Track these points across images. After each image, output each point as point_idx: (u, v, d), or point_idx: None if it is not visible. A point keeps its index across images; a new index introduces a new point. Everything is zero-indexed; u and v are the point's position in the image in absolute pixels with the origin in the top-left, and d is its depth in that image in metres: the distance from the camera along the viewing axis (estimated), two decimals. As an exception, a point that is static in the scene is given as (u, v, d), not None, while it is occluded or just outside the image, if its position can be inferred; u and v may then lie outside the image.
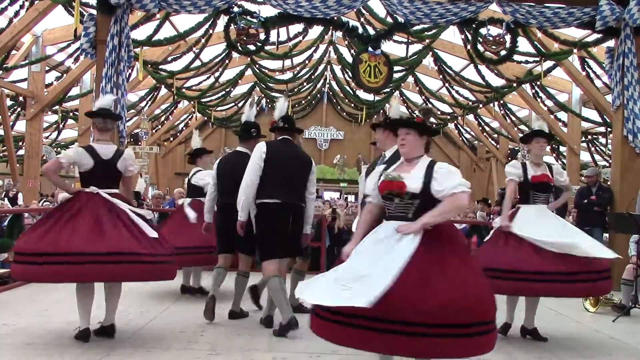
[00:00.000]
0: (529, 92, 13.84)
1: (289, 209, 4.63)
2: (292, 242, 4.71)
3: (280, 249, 4.63)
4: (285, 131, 4.85)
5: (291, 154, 4.77)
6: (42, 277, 4.19)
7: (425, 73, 14.98)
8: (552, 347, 4.60)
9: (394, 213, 3.16)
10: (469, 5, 8.02)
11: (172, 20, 11.29)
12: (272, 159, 4.61)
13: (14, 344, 4.10)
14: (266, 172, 4.58)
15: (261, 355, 4.08)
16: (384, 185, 3.16)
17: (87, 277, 4.01)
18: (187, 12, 7.83)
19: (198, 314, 5.01)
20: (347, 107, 20.07)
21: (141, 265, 4.05)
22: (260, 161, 4.59)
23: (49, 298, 5.72)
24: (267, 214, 4.60)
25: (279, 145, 4.79)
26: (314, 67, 16.45)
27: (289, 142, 4.83)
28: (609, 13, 7.77)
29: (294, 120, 5.18)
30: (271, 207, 4.58)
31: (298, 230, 4.76)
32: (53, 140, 17.05)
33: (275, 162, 4.61)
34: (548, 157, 18.51)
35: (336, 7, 7.86)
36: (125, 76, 7.76)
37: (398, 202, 3.14)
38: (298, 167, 4.74)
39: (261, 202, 4.60)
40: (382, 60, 8.82)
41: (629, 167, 8.01)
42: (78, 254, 3.89)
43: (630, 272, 6.07)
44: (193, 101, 16.18)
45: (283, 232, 4.61)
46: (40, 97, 12.51)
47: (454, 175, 3.12)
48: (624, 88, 7.94)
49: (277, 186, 4.58)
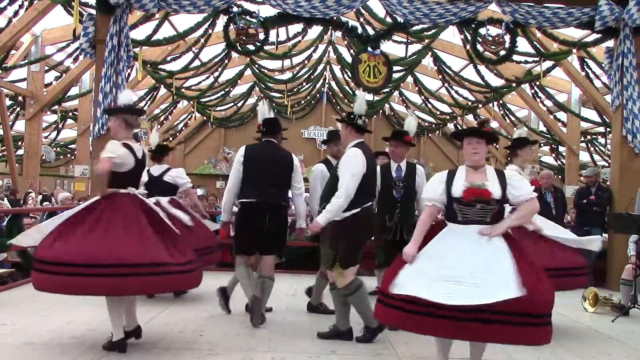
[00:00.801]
0: (528, 92, 13.84)
1: (265, 207, 4.85)
2: (271, 240, 4.90)
3: (255, 246, 4.93)
4: (267, 134, 5.08)
5: (270, 155, 4.98)
6: (75, 290, 3.85)
7: (425, 73, 14.96)
8: (551, 347, 4.59)
9: (473, 218, 3.44)
10: (469, 5, 8.02)
11: (171, 20, 11.28)
12: (250, 162, 4.92)
13: (13, 344, 4.10)
14: (245, 175, 4.92)
15: (260, 355, 4.08)
16: (471, 193, 3.40)
17: (127, 290, 3.85)
18: (186, 12, 7.82)
19: (197, 313, 5.02)
20: (346, 107, 20.00)
21: (171, 276, 3.86)
22: (239, 165, 4.94)
23: (47, 298, 5.69)
24: (242, 213, 4.97)
25: (259, 148, 5.07)
26: (313, 67, 16.41)
27: (271, 144, 5.05)
28: (608, 13, 7.77)
29: (277, 121, 5.26)
30: (246, 206, 4.93)
31: (277, 229, 4.94)
32: (52, 140, 17.04)
33: (252, 164, 4.92)
34: (547, 157, 18.56)
35: (335, 7, 7.86)
36: (124, 76, 7.74)
37: (479, 208, 3.42)
38: (277, 168, 4.96)
39: (239, 201, 4.99)
40: (382, 60, 8.81)
41: (628, 167, 8.01)
42: (128, 265, 3.68)
43: (630, 272, 6.07)
44: (192, 101, 16.16)
45: (259, 229, 4.83)
46: (39, 96, 12.50)
47: (525, 181, 3.60)
48: (623, 88, 7.94)
49: (253, 187, 4.88)
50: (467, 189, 3.41)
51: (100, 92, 7.48)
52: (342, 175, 4.32)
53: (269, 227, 4.83)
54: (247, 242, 4.95)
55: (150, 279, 3.78)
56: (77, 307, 5.11)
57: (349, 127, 4.54)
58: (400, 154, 5.27)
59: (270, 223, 4.84)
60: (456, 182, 3.48)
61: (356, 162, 4.33)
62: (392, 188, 5.18)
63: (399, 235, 5.08)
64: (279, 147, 5.11)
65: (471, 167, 3.54)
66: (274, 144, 5.07)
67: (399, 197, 5.18)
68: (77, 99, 13.78)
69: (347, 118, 4.59)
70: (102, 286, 3.73)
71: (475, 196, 3.39)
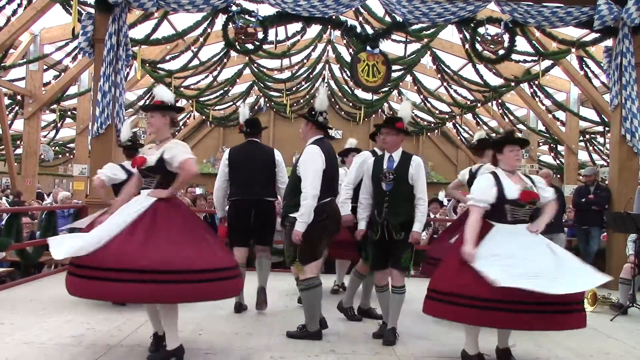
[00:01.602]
0: (527, 92, 13.83)
1: (249, 204, 5.29)
2: (257, 232, 5.38)
3: (246, 239, 5.40)
4: (249, 134, 5.51)
5: (253, 154, 5.41)
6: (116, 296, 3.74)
7: (424, 72, 14.95)
8: (550, 346, 4.61)
9: (520, 217, 3.93)
10: (467, 4, 8.02)
11: (170, 19, 11.27)
12: (234, 164, 5.36)
13: (11, 343, 4.09)
14: (230, 176, 5.37)
15: (259, 355, 4.08)
16: (527, 195, 3.87)
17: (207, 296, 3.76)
18: (185, 10, 7.82)
19: (196, 313, 5.01)
20: (345, 107, 20.02)
21: (214, 283, 3.68)
22: (225, 167, 5.40)
23: (45, 297, 5.72)
24: (231, 210, 5.43)
25: (242, 148, 5.50)
26: (312, 66, 16.39)
27: (252, 143, 5.49)
28: (607, 12, 7.77)
29: (257, 121, 5.67)
30: (234, 204, 5.39)
31: (262, 222, 5.35)
32: (51, 139, 17.02)
33: (236, 165, 5.36)
34: (546, 156, 18.56)
35: (334, 6, 7.85)
36: (123, 75, 7.74)
37: (527, 209, 3.93)
38: (260, 166, 5.36)
39: (229, 200, 5.46)
40: (381, 59, 8.80)
41: (627, 166, 8.01)
42: (184, 271, 3.50)
43: (628, 271, 6.08)
44: (191, 100, 16.14)
45: (245, 224, 5.29)
46: (38, 95, 12.48)
47: (544, 184, 4.11)
48: (622, 87, 7.94)
49: (238, 185, 5.34)
50: (523, 191, 3.86)
51: (99, 91, 7.47)
52: (304, 175, 4.43)
53: (254, 222, 5.28)
54: (239, 236, 5.38)
55: (218, 284, 3.67)
56: (75, 307, 5.11)
57: (309, 124, 4.67)
58: (391, 143, 4.60)
59: (256, 217, 5.28)
60: (507, 185, 3.90)
61: (314, 160, 4.46)
62: (381, 180, 4.54)
63: (388, 234, 4.48)
64: (260, 146, 5.54)
65: (509, 172, 3.99)
66: (256, 143, 5.51)
67: (387, 190, 4.50)
68: (76, 98, 13.74)
69: (308, 114, 4.68)
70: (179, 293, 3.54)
71: (531, 198, 3.89)
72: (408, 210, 4.50)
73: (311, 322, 4.55)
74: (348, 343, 4.47)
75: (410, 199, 4.53)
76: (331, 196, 4.61)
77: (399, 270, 4.51)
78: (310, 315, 4.56)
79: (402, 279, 4.53)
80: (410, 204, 4.52)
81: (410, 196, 4.53)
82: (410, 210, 4.51)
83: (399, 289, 4.52)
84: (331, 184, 4.59)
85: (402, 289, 4.52)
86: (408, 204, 4.52)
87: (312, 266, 4.53)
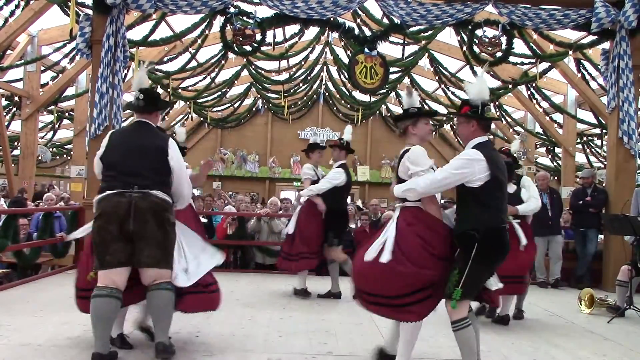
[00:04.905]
0: (524, 94, 13.86)
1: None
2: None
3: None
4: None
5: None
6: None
7: (421, 74, 14.97)
8: (547, 348, 4.61)
9: None
10: (465, 6, 8.03)
11: (168, 21, 11.27)
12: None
13: (7, 345, 4.08)
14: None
15: (256, 356, 4.08)
16: None
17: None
18: (183, 12, 7.82)
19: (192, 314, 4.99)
20: (343, 108, 20.02)
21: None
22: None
23: (42, 299, 5.70)
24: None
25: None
26: (310, 68, 16.40)
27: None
28: (605, 15, 7.80)
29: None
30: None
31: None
32: (48, 140, 16.99)
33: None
34: (544, 158, 18.59)
35: (332, 8, 7.87)
36: (121, 76, 7.72)
37: None
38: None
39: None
40: (378, 61, 8.81)
41: (624, 168, 8.04)
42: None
43: (625, 273, 6.08)
44: (189, 102, 16.13)
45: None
46: (35, 97, 12.47)
47: None
48: (619, 90, 7.97)
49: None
50: None
51: (96, 93, 7.46)
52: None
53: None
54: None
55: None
56: (72, 309, 5.07)
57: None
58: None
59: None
60: None
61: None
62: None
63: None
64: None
65: None
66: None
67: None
68: (74, 100, 13.73)
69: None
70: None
71: None
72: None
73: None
74: (346, 344, 4.47)
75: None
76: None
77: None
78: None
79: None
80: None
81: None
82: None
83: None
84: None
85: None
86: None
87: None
